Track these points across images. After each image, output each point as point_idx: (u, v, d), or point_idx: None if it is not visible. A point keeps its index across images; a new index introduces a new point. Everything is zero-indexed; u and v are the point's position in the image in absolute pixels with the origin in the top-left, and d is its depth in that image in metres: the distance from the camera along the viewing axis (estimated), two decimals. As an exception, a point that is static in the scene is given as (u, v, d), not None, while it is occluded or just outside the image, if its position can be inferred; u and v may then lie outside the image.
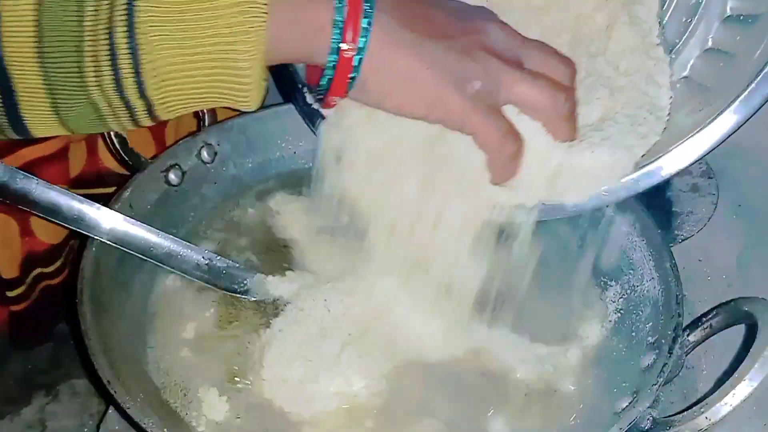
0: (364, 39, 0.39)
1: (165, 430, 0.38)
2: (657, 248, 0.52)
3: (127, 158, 0.54)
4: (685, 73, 0.48)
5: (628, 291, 0.52)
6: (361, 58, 0.40)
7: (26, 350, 0.63)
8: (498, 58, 0.42)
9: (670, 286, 0.48)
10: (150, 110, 0.39)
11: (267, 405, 0.45)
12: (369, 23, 0.39)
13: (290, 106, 0.61)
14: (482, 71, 0.41)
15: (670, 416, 0.42)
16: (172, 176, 0.56)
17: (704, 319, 0.47)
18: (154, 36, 0.36)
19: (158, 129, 0.62)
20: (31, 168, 0.53)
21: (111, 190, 0.60)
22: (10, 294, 0.57)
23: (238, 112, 0.62)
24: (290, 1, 0.39)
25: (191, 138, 0.58)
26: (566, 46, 0.47)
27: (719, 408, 0.40)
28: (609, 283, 0.54)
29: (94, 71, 0.36)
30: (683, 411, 0.41)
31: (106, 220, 0.47)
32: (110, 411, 0.54)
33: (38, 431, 0.58)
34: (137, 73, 0.37)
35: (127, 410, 0.38)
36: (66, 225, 0.47)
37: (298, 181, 0.59)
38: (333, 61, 0.40)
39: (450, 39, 0.41)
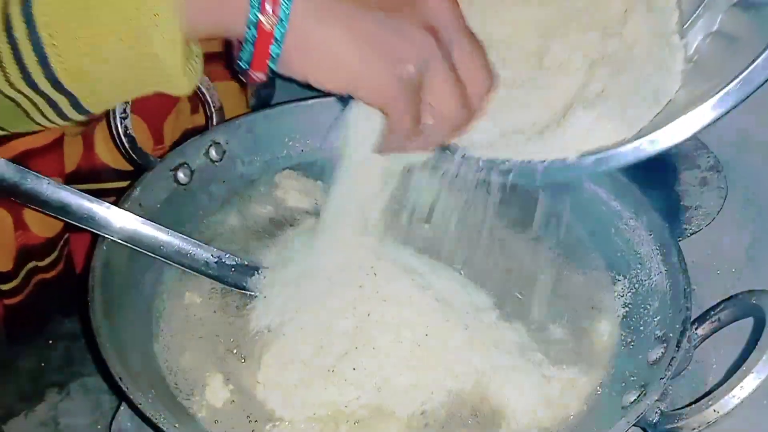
0: (285, 10, 0.36)
1: (176, 425, 0.39)
2: (664, 242, 0.52)
3: (135, 156, 0.55)
4: (689, 53, 0.47)
5: (636, 285, 0.53)
6: (282, 32, 0.37)
7: (22, 345, 0.62)
8: (434, 38, 0.39)
9: (677, 280, 0.48)
10: (76, 104, 0.38)
11: (260, 405, 0.45)
12: None
13: (297, 104, 0.62)
14: (416, 54, 0.39)
15: (678, 409, 0.42)
16: (181, 175, 0.56)
17: (712, 312, 0.47)
18: (55, 26, 0.35)
19: (156, 123, 0.62)
20: (23, 160, 0.53)
21: (107, 185, 0.61)
22: (3, 287, 0.57)
23: (245, 111, 0.63)
24: None
25: (199, 137, 0.58)
26: (581, 25, 0.47)
27: (727, 401, 0.40)
28: (617, 277, 0.54)
29: (0, 69, 0.36)
30: (691, 404, 0.41)
31: (117, 219, 0.48)
32: (122, 408, 0.54)
33: (51, 428, 0.59)
34: (45, 66, 0.35)
35: (139, 406, 0.39)
36: (77, 224, 0.47)
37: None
38: (251, 36, 0.37)
39: (386, 11, 0.38)
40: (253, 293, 0.50)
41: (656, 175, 0.64)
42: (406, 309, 0.47)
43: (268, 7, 0.36)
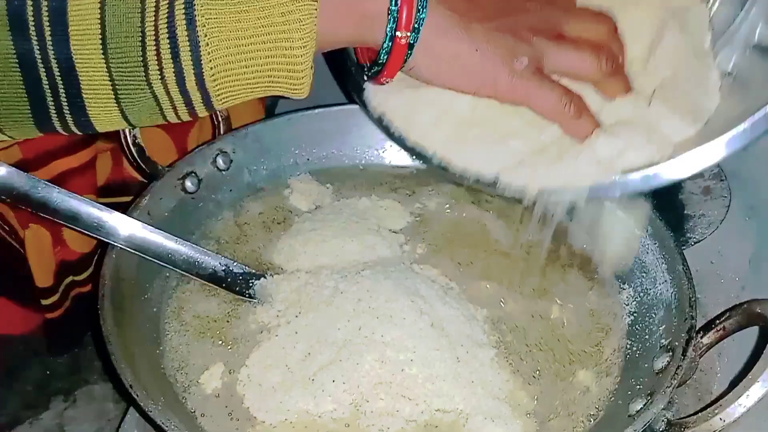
0: (418, 26, 0.42)
1: (186, 432, 0.39)
2: (669, 251, 0.52)
3: (144, 166, 0.55)
4: (728, 68, 0.48)
5: (641, 294, 0.53)
6: (415, 44, 0.42)
7: (59, 356, 0.64)
8: (540, 34, 0.44)
9: (682, 289, 0.49)
10: (207, 101, 0.40)
11: (239, 402, 0.45)
12: (424, 9, 0.42)
13: (303, 113, 0.63)
14: (527, 48, 0.44)
15: (684, 418, 0.42)
16: (189, 184, 0.56)
17: (717, 321, 0.47)
18: (213, 28, 0.38)
19: (181, 137, 0.63)
20: (61, 179, 0.55)
21: (128, 199, 0.61)
22: (45, 302, 0.58)
23: (251, 121, 0.64)
24: None
25: (206, 146, 0.58)
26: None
27: (734, 409, 0.40)
28: (622, 286, 0.54)
29: (158, 66, 0.38)
30: (697, 412, 0.41)
31: (125, 227, 0.48)
32: (128, 415, 0.55)
33: (57, 436, 0.59)
34: (198, 65, 0.38)
35: (149, 413, 0.39)
36: (86, 232, 0.47)
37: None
38: (388, 47, 0.42)
39: (495, 21, 0.44)
40: (259, 300, 0.51)
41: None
42: (396, 330, 0.46)
43: (404, 24, 0.41)
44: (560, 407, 0.46)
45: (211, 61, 0.39)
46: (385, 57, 0.43)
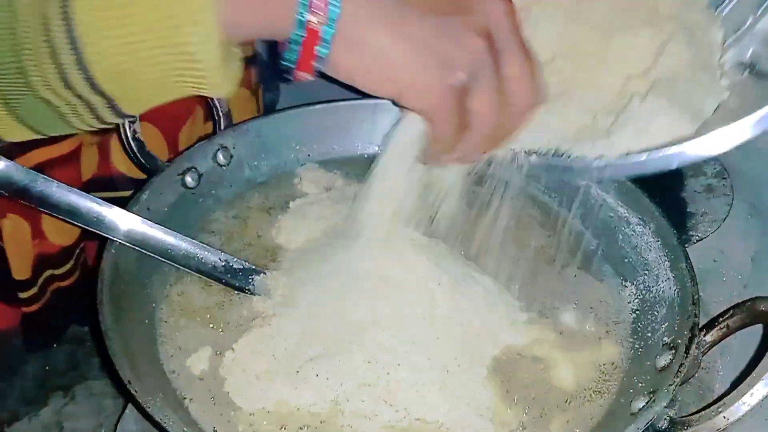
0: (335, 10, 0.35)
1: (185, 429, 0.39)
2: (672, 249, 0.52)
3: (143, 161, 0.55)
4: (743, 59, 0.47)
5: (644, 292, 0.52)
6: (331, 33, 0.36)
7: (38, 352, 0.63)
8: (487, 44, 0.38)
9: (686, 287, 0.48)
10: (113, 106, 0.37)
11: (221, 385, 0.45)
12: None
13: (304, 109, 0.62)
14: (469, 62, 0.38)
15: (687, 416, 0.42)
16: (189, 179, 0.56)
17: (720, 319, 0.47)
18: (93, 26, 0.34)
19: (172, 132, 0.62)
20: (42, 170, 0.52)
21: (123, 194, 0.60)
22: (22, 295, 0.57)
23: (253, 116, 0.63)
24: None
25: (207, 141, 0.58)
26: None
27: (738, 408, 0.39)
28: (624, 284, 0.54)
29: (36, 69, 0.35)
30: (701, 410, 0.41)
31: (125, 222, 0.48)
32: (127, 411, 0.54)
33: None
34: (82, 67, 0.35)
35: (147, 410, 0.39)
36: (85, 227, 0.47)
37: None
38: (299, 36, 0.36)
39: (440, 15, 0.38)
40: (259, 295, 0.50)
41: (661, 182, 0.64)
42: (388, 331, 0.45)
43: (318, 8, 0.35)
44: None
45: (99, 62, 0.35)
46: (297, 47, 0.36)
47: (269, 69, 0.65)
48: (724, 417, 0.39)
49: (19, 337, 0.61)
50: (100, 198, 0.47)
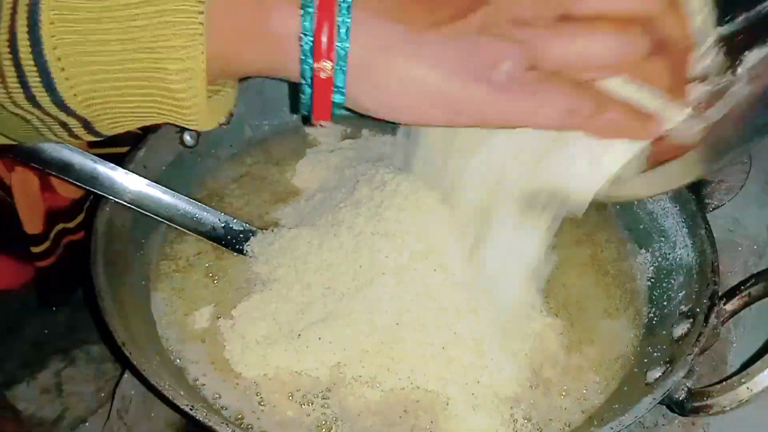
0: (342, 51, 0.30)
1: (181, 392, 0.37)
2: (691, 215, 0.50)
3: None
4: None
5: (660, 259, 0.51)
6: (343, 77, 0.31)
7: (52, 306, 0.62)
8: (527, 24, 0.32)
9: (705, 254, 0.47)
10: (89, 127, 0.34)
11: (220, 349, 0.44)
12: (347, 30, 0.30)
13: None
14: (508, 47, 0.31)
15: (707, 386, 0.40)
16: (188, 137, 0.54)
17: (742, 287, 0.45)
18: (66, 51, 0.31)
19: None
20: None
21: (121, 149, 0.59)
22: (35, 250, 0.55)
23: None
24: (237, 6, 0.31)
25: (207, 98, 0.56)
26: None
27: (763, 378, 0.37)
28: (639, 251, 0.52)
29: (3, 88, 0.32)
30: (722, 381, 0.39)
31: (121, 180, 0.46)
32: (125, 375, 0.54)
33: (54, 395, 0.58)
34: (52, 91, 0.31)
35: (143, 373, 0.37)
36: (80, 185, 0.45)
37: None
38: (307, 82, 0.32)
39: (455, 20, 0.31)
40: (258, 258, 0.49)
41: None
42: (390, 302, 0.43)
43: (323, 50, 0.30)
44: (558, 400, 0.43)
45: (72, 88, 0.31)
46: (308, 95, 0.32)
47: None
48: (748, 388, 0.38)
49: (31, 294, 0.59)
50: (101, 153, 0.45)
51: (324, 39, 0.30)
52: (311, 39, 0.30)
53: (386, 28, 0.31)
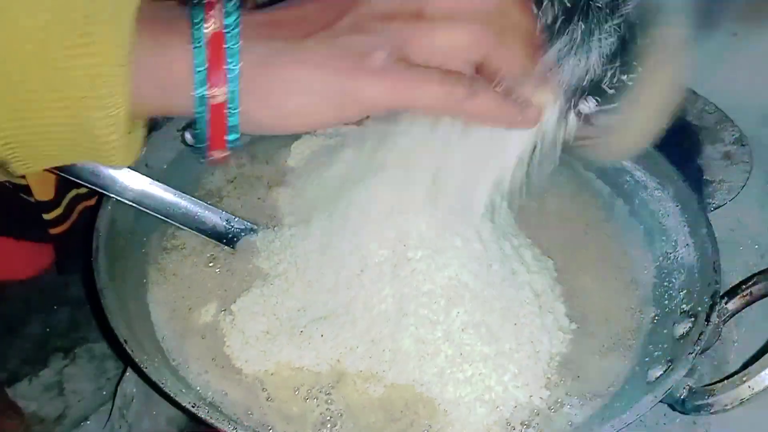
0: (232, 73, 0.33)
1: (182, 389, 0.37)
2: (693, 214, 0.50)
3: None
4: None
5: (660, 258, 0.51)
6: (235, 97, 0.33)
7: (70, 275, 0.61)
8: (395, 19, 0.35)
9: (706, 253, 0.47)
10: (4, 166, 0.34)
11: (220, 345, 0.44)
12: (235, 55, 0.33)
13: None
14: (379, 38, 0.34)
15: (708, 385, 0.40)
16: (189, 136, 0.54)
17: (743, 286, 0.45)
18: None
19: None
20: None
21: None
22: (47, 217, 0.55)
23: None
24: (144, 52, 0.32)
25: (207, 97, 0.56)
26: None
27: (764, 377, 0.38)
28: (640, 249, 0.52)
29: None
30: (723, 380, 0.40)
31: (123, 178, 0.46)
32: (128, 373, 0.54)
33: (56, 393, 0.58)
34: None
35: (145, 371, 0.37)
36: (81, 182, 0.45)
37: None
38: (202, 111, 0.34)
39: (327, 27, 0.35)
40: (260, 254, 0.49)
41: (677, 149, 0.62)
42: (390, 298, 0.43)
43: (215, 79, 0.33)
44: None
45: None
46: (203, 126, 0.34)
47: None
48: (749, 387, 0.38)
49: (33, 292, 0.60)
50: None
51: (215, 67, 0.33)
52: (204, 70, 0.33)
53: (268, 45, 0.34)
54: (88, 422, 0.56)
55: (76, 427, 0.56)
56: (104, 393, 0.58)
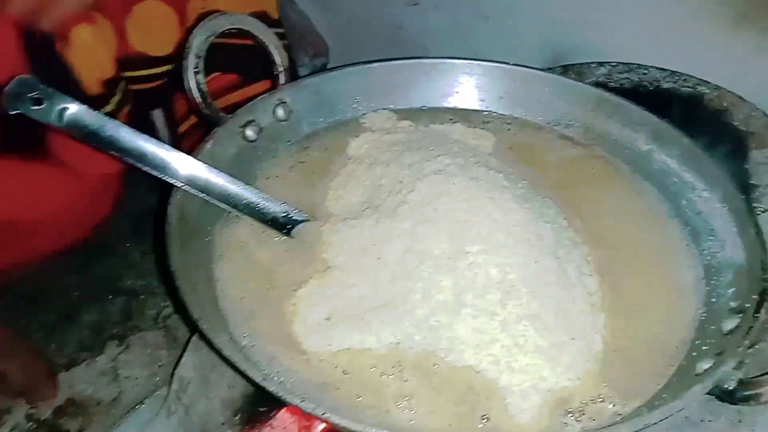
0: None
1: (260, 369, 0.39)
2: (740, 214, 0.50)
3: (207, 111, 0.55)
4: None
5: (708, 258, 0.51)
6: None
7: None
8: None
9: (755, 252, 0.47)
10: None
11: (288, 325, 0.45)
12: None
13: (362, 67, 0.62)
14: None
15: (758, 376, 0.41)
16: (250, 132, 0.56)
17: (793, 285, 0.45)
18: None
19: (179, 4, 0.63)
20: None
21: (144, 72, 0.62)
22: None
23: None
24: None
25: (268, 95, 0.58)
26: None
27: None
28: (688, 248, 0.52)
29: None
30: (774, 371, 0.40)
31: (190, 168, 0.48)
32: (184, 358, 0.56)
33: (111, 378, 0.60)
34: None
35: (218, 347, 0.39)
36: (151, 171, 0.48)
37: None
38: None
39: None
40: (320, 246, 0.50)
41: (723, 152, 0.63)
42: (454, 295, 0.45)
43: None
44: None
45: None
46: None
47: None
48: (802, 379, 0.38)
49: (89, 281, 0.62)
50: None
51: None
52: None
53: None
54: (143, 405, 0.58)
55: (131, 409, 0.58)
56: (157, 379, 0.60)
